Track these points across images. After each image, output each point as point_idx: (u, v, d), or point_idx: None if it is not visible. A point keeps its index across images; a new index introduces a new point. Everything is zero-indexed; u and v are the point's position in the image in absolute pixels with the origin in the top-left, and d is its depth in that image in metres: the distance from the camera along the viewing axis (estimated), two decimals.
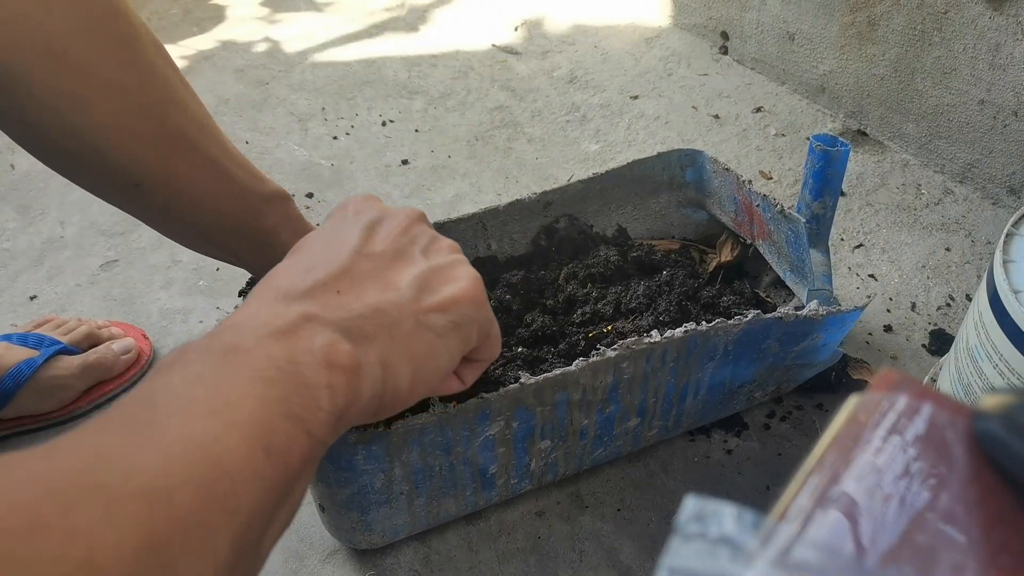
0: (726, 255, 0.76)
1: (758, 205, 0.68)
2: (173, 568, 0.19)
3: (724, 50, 1.27)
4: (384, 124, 1.15)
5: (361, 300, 0.30)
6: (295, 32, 1.45)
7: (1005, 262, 0.50)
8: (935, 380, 0.64)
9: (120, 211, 0.44)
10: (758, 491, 0.62)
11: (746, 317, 0.55)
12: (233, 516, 0.21)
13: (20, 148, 0.39)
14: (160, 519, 0.19)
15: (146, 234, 0.93)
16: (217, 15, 1.53)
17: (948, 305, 0.79)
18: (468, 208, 0.94)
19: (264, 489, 0.22)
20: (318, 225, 0.35)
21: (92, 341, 0.73)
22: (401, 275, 0.32)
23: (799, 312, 0.56)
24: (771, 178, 0.99)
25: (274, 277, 0.30)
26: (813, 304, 0.58)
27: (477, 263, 0.69)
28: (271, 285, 0.30)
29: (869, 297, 0.80)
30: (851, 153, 0.63)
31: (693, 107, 1.15)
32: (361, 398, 0.28)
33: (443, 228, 0.67)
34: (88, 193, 0.42)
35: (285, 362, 0.25)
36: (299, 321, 0.27)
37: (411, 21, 1.49)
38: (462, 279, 0.34)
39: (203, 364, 0.24)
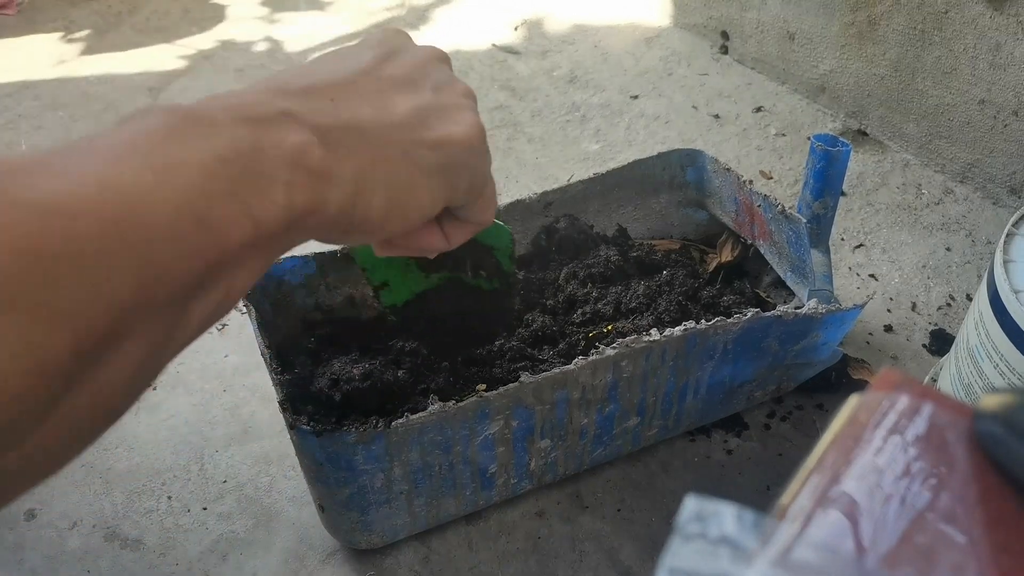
0: (726, 255, 0.76)
1: (759, 205, 0.68)
2: (58, 283, 0.18)
3: (724, 50, 1.27)
4: None
5: (352, 113, 0.29)
6: (295, 32, 1.45)
7: (1006, 262, 0.50)
8: (935, 380, 0.64)
9: None
10: (758, 491, 0.62)
11: (745, 316, 0.55)
12: (141, 261, 0.20)
13: (20, 148, 0.39)
14: (53, 233, 0.18)
15: None
16: (217, 15, 1.53)
17: (948, 305, 0.79)
18: None
19: (185, 253, 0.21)
20: None
21: None
22: (403, 102, 0.31)
23: (798, 310, 0.56)
24: (771, 178, 0.99)
25: (274, 77, 0.29)
26: (812, 302, 0.58)
27: None
28: (267, 80, 0.28)
29: (869, 296, 0.80)
30: (851, 153, 0.63)
31: (693, 107, 1.15)
32: (326, 207, 0.26)
33: None
34: None
35: (248, 146, 0.23)
36: (278, 115, 0.25)
37: (411, 21, 1.49)
38: (464, 123, 0.33)
39: (160, 123, 0.22)
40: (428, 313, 0.53)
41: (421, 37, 1.42)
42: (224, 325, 0.80)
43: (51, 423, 0.19)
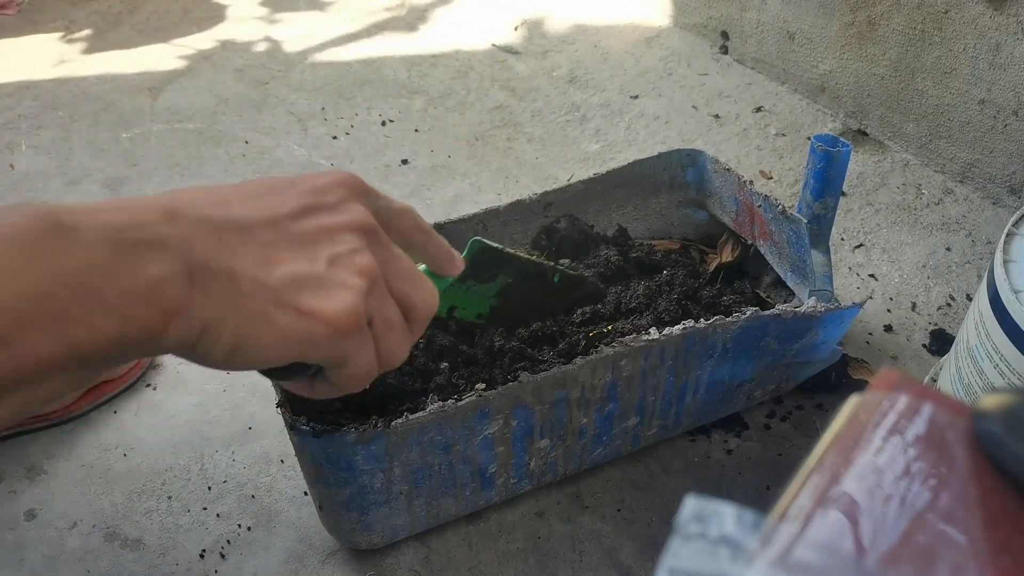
0: (727, 255, 0.76)
1: (759, 205, 0.68)
2: None
3: (724, 50, 1.27)
4: (384, 124, 1.15)
5: (231, 259, 0.28)
6: (295, 32, 1.45)
7: (1005, 262, 0.50)
8: (935, 380, 0.64)
9: None
10: (758, 491, 0.62)
11: (744, 314, 0.55)
12: None
13: (20, 148, 0.39)
14: None
15: None
16: (217, 15, 1.53)
17: (948, 305, 0.79)
18: (468, 208, 0.94)
19: None
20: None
21: None
22: (288, 265, 0.31)
23: (797, 309, 0.56)
24: (771, 178, 0.99)
25: (188, 190, 0.29)
26: (811, 301, 0.58)
27: None
28: (176, 193, 0.28)
29: (869, 294, 0.80)
30: (851, 153, 0.63)
31: (693, 107, 1.15)
32: (163, 338, 0.26)
33: (443, 229, 0.67)
34: (85, 193, 0.41)
35: (99, 271, 0.24)
36: (153, 241, 0.25)
37: (411, 21, 1.49)
38: (338, 302, 0.31)
39: (27, 226, 0.23)
40: (514, 314, 0.53)
41: (421, 37, 1.42)
42: None
43: None
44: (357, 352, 0.33)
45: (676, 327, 0.53)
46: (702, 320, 0.54)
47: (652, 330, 0.53)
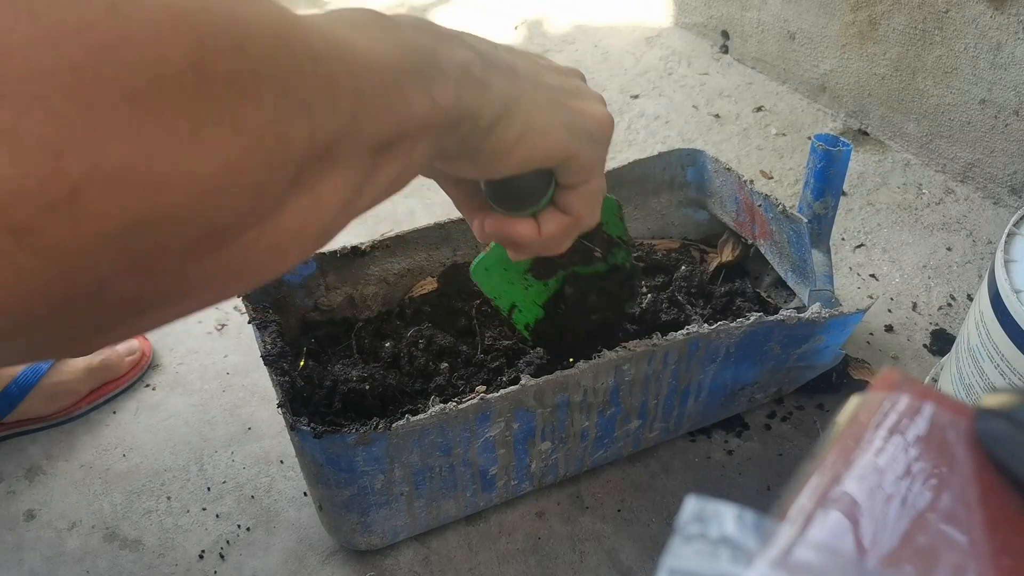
0: (727, 255, 0.76)
1: (760, 205, 0.68)
2: (302, 78, 0.20)
3: (725, 49, 1.27)
4: None
5: (511, 58, 0.33)
6: None
7: (1006, 262, 0.49)
8: (936, 380, 0.64)
9: None
10: (759, 491, 0.62)
11: (748, 320, 0.55)
12: (355, 97, 0.23)
13: None
14: (304, 32, 0.20)
15: None
16: None
17: (949, 305, 0.79)
18: None
19: (384, 107, 0.24)
20: None
21: None
22: (554, 77, 0.36)
23: (801, 315, 0.56)
24: (772, 177, 0.99)
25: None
26: (815, 307, 0.58)
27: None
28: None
29: (871, 297, 0.80)
30: (852, 153, 0.63)
31: (694, 106, 1.15)
32: (480, 114, 0.30)
33: (444, 229, 0.67)
34: None
35: (427, 47, 0.27)
36: (450, 34, 0.30)
37: None
38: (602, 109, 0.37)
39: (363, 13, 0.26)
40: (559, 327, 0.55)
41: None
42: (223, 325, 0.80)
43: (273, 223, 0.20)
44: (602, 165, 0.38)
45: (679, 332, 0.53)
46: (705, 325, 0.54)
47: (655, 335, 0.53)
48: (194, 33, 0.17)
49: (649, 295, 0.66)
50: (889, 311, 0.78)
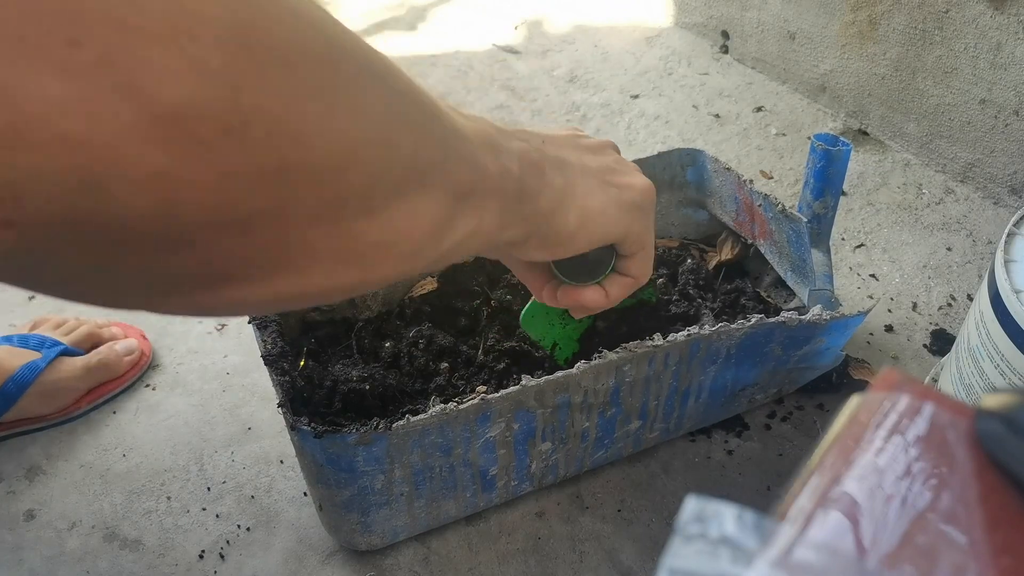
0: (726, 253, 0.76)
1: (760, 205, 0.68)
2: (446, 168, 0.27)
3: (725, 49, 1.27)
4: None
5: (557, 150, 0.36)
6: None
7: (1006, 262, 0.49)
8: (936, 380, 0.64)
9: None
10: (759, 491, 0.62)
11: (749, 321, 0.55)
12: (465, 166, 0.28)
13: None
14: (444, 129, 0.27)
15: None
16: None
17: (949, 305, 0.79)
18: None
19: (473, 167, 0.29)
20: None
21: (93, 341, 0.73)
22: (594, 159, 0.39)
23: (802, 317, 0.56)
24: (771, 177, 0.99)
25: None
26: (816, 309, 0.58)
27: (479, 264, 0.69)
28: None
29: (872, 298, 0.80)
30: (852, 152, 0.63)
31: (693, 106, 1.15)
32: (539, 200, 0.34)
33: None
34: None
35: (494, 133, 0.32)
36: (507, 131, 0.33)
37: (411, 21, 1.49)
38: (642, 179, 0.40)
39: (442, 103, 0.29)
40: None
41: (421, 36, 1.42)
42: (223, 325, 0.80)
43: (379, 221, 0.24)
44: (652, 231, 0.42)
45: (680, 333, 0.53)
46: (707, 327, 0.54)
47: (656, 336, 0.53)
48: (323, 36, 0.21)
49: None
50: (889, 311, 0.78)
